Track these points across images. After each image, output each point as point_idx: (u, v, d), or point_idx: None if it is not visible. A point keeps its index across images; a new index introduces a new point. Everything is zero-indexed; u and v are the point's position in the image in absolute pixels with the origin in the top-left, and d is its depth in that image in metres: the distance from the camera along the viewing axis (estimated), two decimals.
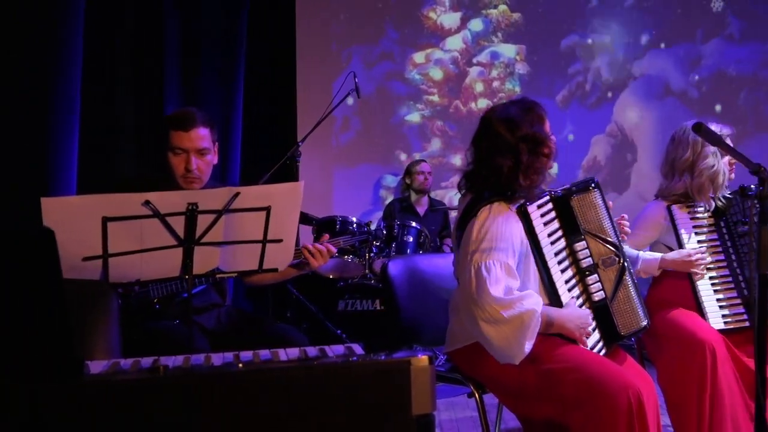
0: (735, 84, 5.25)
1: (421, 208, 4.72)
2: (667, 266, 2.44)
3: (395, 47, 5.44)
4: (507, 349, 1.76)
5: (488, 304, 1.73)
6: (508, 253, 1.80)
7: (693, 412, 2.26)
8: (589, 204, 1.98)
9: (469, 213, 1.89)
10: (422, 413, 0.95)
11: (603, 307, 1.96)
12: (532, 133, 1.86)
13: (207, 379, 0.93)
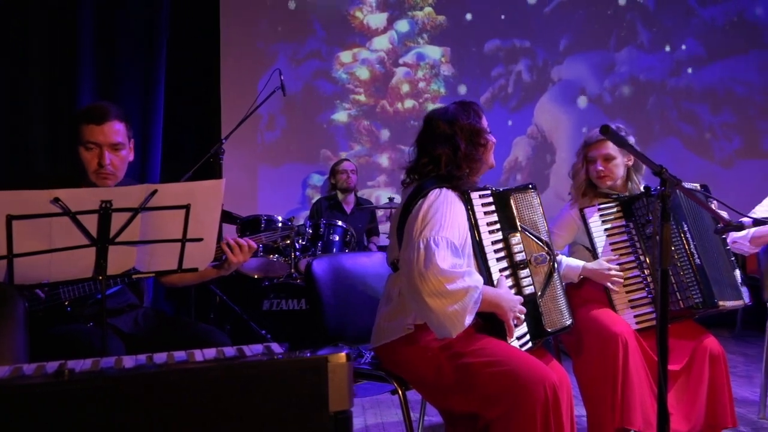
0: (645, 90, 5.54)
1: (347, 206, 4.72)
2: (586, 275, 2.54)
3: (322, 46, 5.42)
4: (447, 322, 1.79)
5: (434, 275, 1.77)
6: (455, 234, 1.86)
7: (606, 401, 2.36)
8: (527, 203, 2.09)
9: (416, 196, 1.94)
10: (340, 410, 0.95)
11: (532, 302, 2.03)
12: (469, 125, 1.99)
13: (115, 383, 0.89)
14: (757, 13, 5.54)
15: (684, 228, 2.42)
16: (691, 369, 2.41)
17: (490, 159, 2.08)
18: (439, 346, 1.88)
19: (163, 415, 0.91)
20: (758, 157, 5.52)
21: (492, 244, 1.97)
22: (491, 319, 1.94)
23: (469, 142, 1.98)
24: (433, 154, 1.98)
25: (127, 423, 0.89)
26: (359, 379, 2.38)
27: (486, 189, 2.02)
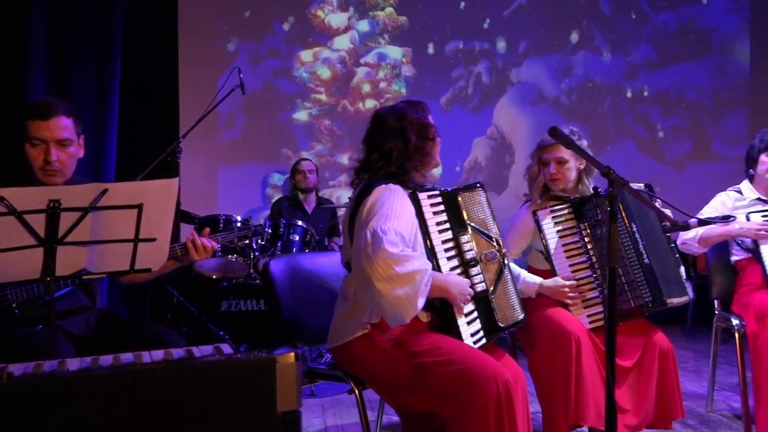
0: (600, 93, 5.67)
1: (308, 206, 4.70)
2: (543, 292, 2.58)
3: (282, 44, 5.39)
4: (399, 307, 1.80)
5: (383, 259, 1.78)
6: (402, 225, 1.88)
7: (560, 397, 2.41)
8: (475, 201, 2.13)
9: (364, 193, 1.96)
10: (288, 410, 0.95)
11: (484, 299, 2.06)
12: (417, 119, 2.03)
13: (56, 386, 0.87)
14: (707, 21, 5.72)
15: (633, 228, 2.49)
16: (642, 365, 2.47)
17: (437, 157, 2.11)
18: (395, 345, 1.89)
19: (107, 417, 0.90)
20: (708, 160, 5.70)
21: (442, 243, 2.00)
22: (444, 316, 1.96)
23: (419, 136, 2.01)
24: (384, 148, 2.01)
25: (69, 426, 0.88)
26: (317, 379, 2.38)
27: (434, 189, 2.05)
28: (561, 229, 2.60)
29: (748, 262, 2.95)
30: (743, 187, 3.04)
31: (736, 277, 3.04)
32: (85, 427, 0.91)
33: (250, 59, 5.32)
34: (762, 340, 2.70)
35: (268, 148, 5.40)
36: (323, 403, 3.49)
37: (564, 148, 2.58)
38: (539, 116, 5.55)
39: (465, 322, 1.98)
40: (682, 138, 5.74)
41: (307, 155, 5.21)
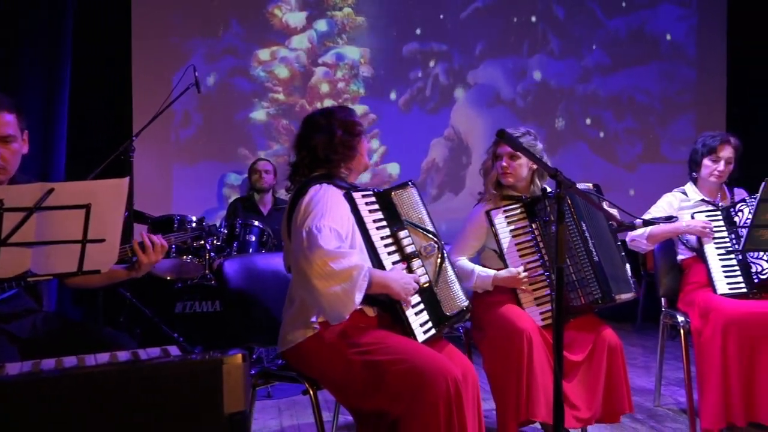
0: (555, 95, 5.79)
1: (264, 207, 4.66)
2: (498, 283, 2.63)
3: (239, 43, 5.33)
4: (338, 303, 1.83)
5: (319, 257, 1.81)
6: (338, 222, 1.91)
7: (512, 394, 2.46)
8: (408, 199, 2.18)
9: (298, 195, 2.00)
10: (235, 411, 0.95)
11: (429, 291, 2.10)
12: (343, 116, 2.11)
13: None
14: (656, 27, 5.90)
15: (583, 227, 2.55)
16: (592, 360, 2.54)
17: (365, 157, 2.17)
18: (344, 344, 1.90)
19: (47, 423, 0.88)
20: (658, 162, 5.88)
21: (381, 239, 2.03)
22: (392, 310, 1.98)
23: (345, 131, 2.08)
24: (310, 145, 2.08)
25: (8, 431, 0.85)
26: (272, 380, 2.37)
27: (367, 190, 2.10)
28: (514, 229, 2.65)
29: (693, 261, 3.06)
30: (688, 188, 3.14)
31: (681, 276, 3.15)
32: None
33: (206, 57, 5.25)
34: (706, 336, 2.80)
35: (225, 147, 5.34)
36: (280, 405, 3.47)
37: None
38: (495, 118, 5.63)
39: (413, 313, 2.01)
40: (633, 140, 5.90)
41: (264, 155, 5.17)
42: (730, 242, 2.89)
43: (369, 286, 1.89)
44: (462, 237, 2.76)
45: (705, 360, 2.78)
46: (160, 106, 3.78)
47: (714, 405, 2.71)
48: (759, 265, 2.83)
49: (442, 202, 5.56)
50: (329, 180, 2.05)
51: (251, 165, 4.76)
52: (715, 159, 2.99)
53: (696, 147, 3.08)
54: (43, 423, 0.91)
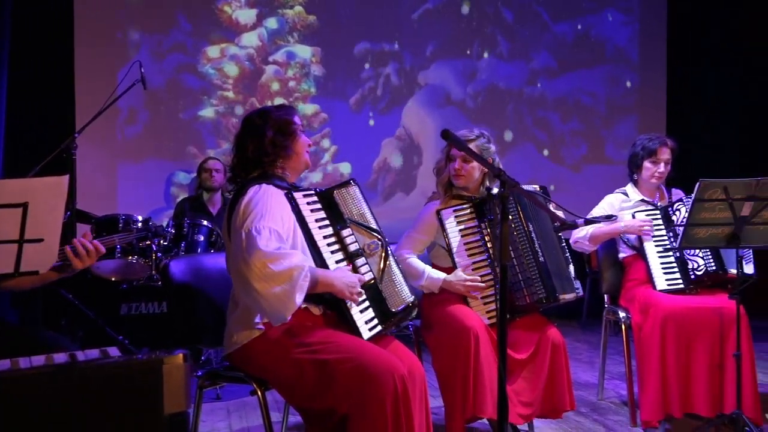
0: (504, 97, 5.89)
1: (214, 206, 4.59)
2: (446, 287, 2.66)
3: (188, 39, 5.24)
4: (278, 304, 1.82)
5: (258, 259, 1.80)
6: (278, 223, 1.91)
7: (459, 391, 2.50)
8: (350, 197, 2.18)
9: (238, 196, 1.99)
10: (176, 411, 0.93)
11: (374, 288, 2.10)
12: (279, 116, 2.10)
13: None
14: (601, 32, 6.07)
15: (530, 228, 2.61)
16: (536, 358, 2.60)
17: (303, 156, 2.16)
18: (292, 343, 1.89)
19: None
20: (602, 163, 6.05)
21: (324, 238, 2.03)
22: (337, 308, 1.98)
23: (277, 131, 2.07)
24: (242, 146, 2.08)
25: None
26: (220, 382, 2.34)
27: (309, 189, 2.09)
28: (463, 228, 2.69)
29: (634, 259, 3.16)
30: (628, 189, 3.25)
31: (623, 273, 3.26)
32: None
33: (152, 53, 5.14)
34: (645, 332, 2.90)
35: (173, 145, 5.23)
36: (229, 406, 3.43)
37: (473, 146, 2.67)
38: (446, 118, 5.69)
39: (358, 311, 2.01)
40: (579, 142, 6.05)
41: (213, 154, 5.08)
42: (668, 240, 3.01)
43: (313, 285, 1.89)
44: (412, 233, 2.80)
45: (645, 354, 2.88)
46: (104, 103, 3.69)
47: (653, 397, 2.81)
48: (695, 261, 2.95)
49: (394, 202, 5.59)
50: (267, 180, 2.03)
51: (200, 164, 4.68)
52: (654, 161, 3.10)
53: (635, 150, 3.18)
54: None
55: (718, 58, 5.96)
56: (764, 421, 2.90)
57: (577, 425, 3.05)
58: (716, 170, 3.72)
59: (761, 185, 2.47)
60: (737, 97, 6.00)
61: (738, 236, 2.56)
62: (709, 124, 6.02)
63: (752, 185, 2.47)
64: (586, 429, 3.01)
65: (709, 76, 6.01)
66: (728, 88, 5.99)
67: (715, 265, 2.91)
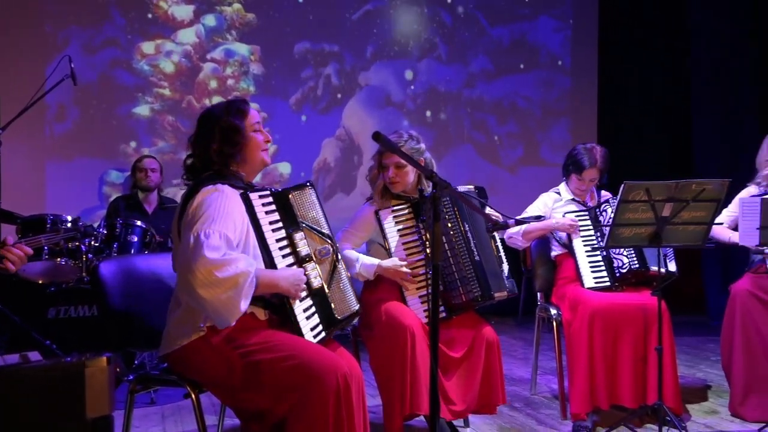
0: (443, 99, 5.98)
1: (150, 206, 4.48)
2: (381, 273, 2.70)
3: (121, 34, 5.09)
4: (223, 310, 1.81)
5: (202, 266, 1.78)
6: (229, 227, 1.88)
7: (397, 389, 2.53)
8: (306, 200, 2.16)
9: (190, 194, 1.96)
10: (99, 415, 0.92)
11: (321, 294, 2.09)
12: (227, 122, 2.06)
13: None
14: (536, 37, 6.25)
15: (465, 228, 2.67)
16: (471, 355, 2.67)
17: (258, 157, 2.13)
18: (231, 345, 1.88)
19: None
20: (537, 164, 6.23)
21: (276, 242, 2.02)
22: (283, 312, 1.98)
23: (223, 140, 2.04)
24: (197, 144, 2.07)
25: None
26: (152, 385, 2.30)
27: (265, 190, 2.07)
28: (401, 228, 2.73)
29: (565, 257, 3.28)
30: (561, 189, 3.37)
31: (555, 271, 3.37)
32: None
33: (84, 48, 4.97)
34: (575, 328, 3.01)
35: (105, 143, 5.07)
36: (164, 411, 3.36)
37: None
38: (386, 119, 5.74)
39: (304, 318, 2.01)
40: (515, 144, 6.21)
41: (148, 152, 4.96)
42: (596, 240, 3.13)
43: (257, 287, 1.88)
44: (349, 229, 2.84)
45: (574, 349, 2.99)
46: (31, 98, 3.55)
47: (581, 390, 2.92)
48: (620, 260, 3.09)
49: (334, 202, 5.59)
50: (222, 179, 2.00)
51: (135, 162, 4.55)
52: (580, 179, 3.22)
53: (567, 161, 3.30)
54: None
55: (644, 62, 6.23)
56: (683, 411, 3.06)
57: (511, 420, 3.14)
58: (643, 172, 3.90)
59: (680, 187, 2.60)
60: (661, 101, 6.29)
61: (659, 235, 2.69)
62: (637, 127, 6.29)
63: (672, 187, 2.60)
64: (520, 423, 3.10)
65: (635, 80, 6.28)
66: (652, 92, 6.27)
67: (638, 263, 3.05)
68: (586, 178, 3.21)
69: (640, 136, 6.27)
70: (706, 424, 3.04)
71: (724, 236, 3.28)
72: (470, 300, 2.67)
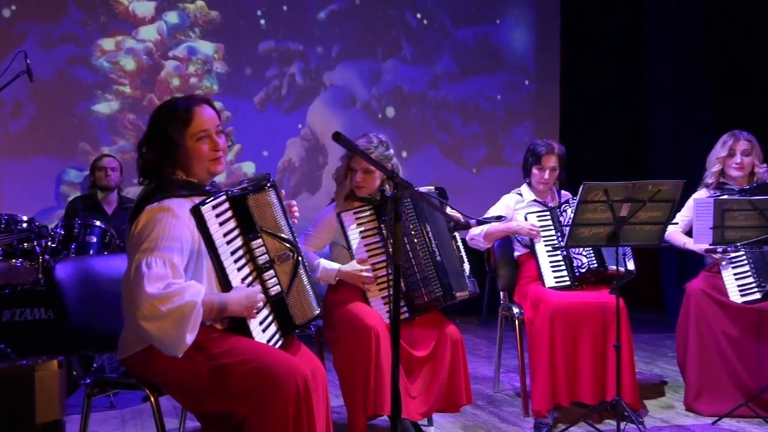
0: (408, 100, 6.01)
1: (109, 206, 4.39)
2: (341, 277, 2.70)
3: (80, 30, 4.98)
4: (169, 343, 1.76)
5: (145, 301, 1.73)
6: (174, 251, 1.80)
7: (360, 390, 2.54)
8: (265, 203, 2.05)
9: (137, 210, 1.88)
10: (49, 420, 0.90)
11: (279, 301, 2.03)
12: (163, 130, 1.94)
13: None
14: (500, 39, 6.31)
15: (427, 228, 2.70)
16: (435, 356, 2.69)
17: (201, 167, 1.96)
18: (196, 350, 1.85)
19: None
20: (501, 165, 6.29)
21: (231, 254, 1.93)
22: (237, 326, 1.95)
23: (157, 149, 1.93)
24: (139, 151, 1.97)
25: None
26: (108, 389, 2.25)
27: (220, 194, 1.96)
28: (363, 230, 2.74)
29: (527, 257, 3.33)
30: (523, 190, 3.42)
31: (518, 271, 3.42)
32: None
33: (41, 43, 4.84)
34: (536, 326, 3.06)
35: (63, 141, 4.96)
36: (123, 415, 3.30)
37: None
38: (352, 119, 5.73)
39: (260, 331, 1.96)
40: (479, 144, 6.27)
41: (108, 151, 4.86)
42: (557, 240, 3.19)
43: (208, 314, 1.82)
44: (311, 232, 2.84)
45: (535, 347, 3.03)
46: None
47: (543, 388, 2.97)
48: (579, 260, 3.15)
49: (299, 202, 5.44)
50: (168, 193, 1.89)
51: (95, 161, 4.45)
52: (540, 168, 3.27)
53: (526, 157, 3.36)
54: None
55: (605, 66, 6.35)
56: (641, 406, 3.13)
57: (474, 418, 3.17)
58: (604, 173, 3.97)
59: (637, 188, 2.67)
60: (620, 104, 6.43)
61: (617, 235, 2.75)
62: (597, 129, 6.41)
63: (629, 188, 2.67)
64: (483, 421, 3.13)
65: (596, 84, 6.40)
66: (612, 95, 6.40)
67: (597, 262, 3.11)
68: (547, 166, 3.25)
69: (600, 138, 6.40)
70: (662, 419, 3.12)
71: (679, 242, 3.37)
72: (432, 300, 2.69)
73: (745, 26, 5.60)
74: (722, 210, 2.91)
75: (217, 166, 1.99)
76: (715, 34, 5.62)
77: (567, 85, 6.42)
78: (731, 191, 3.27)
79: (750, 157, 3.30)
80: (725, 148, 3.32)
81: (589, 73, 6.36)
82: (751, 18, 5.60)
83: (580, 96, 6.39)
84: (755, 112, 5.30)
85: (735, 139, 3.32)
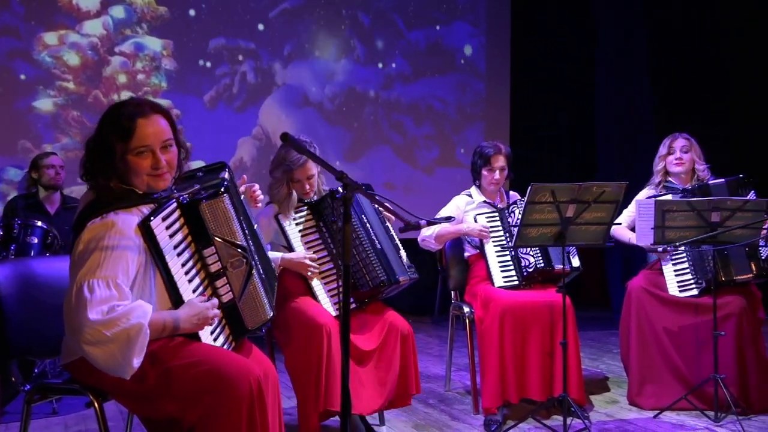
0: (360, 100, 6.01)
1: (52, 206, 4.24)
2: (285, 265, 2.73)
3: (20, 23, 4.80)
4: (115, 367, 1.70)
5: (88, 326, 1.66)
6: (119, 271, 1.73)
7: (312, 387, 2.55)
8: (219, 209, 1.94)
9: (79, 224, 1.79)
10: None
11: (232, 307, 1.98)
12: (103, 138, 1.85)
13: None
14: (451, 42, 6.38)
15: (365, 219, 2.80)
16: (385, 348, 2.73)
17: (140, 182, 1.87)
18: None
19: None
20: (453, 166, 6.36)
21: (182, 266, 1.87)
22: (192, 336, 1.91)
23: (94, 155, 1.86)
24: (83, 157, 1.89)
25: None
26: (51, 395, 2.18)
27: (170, 204, 1.87)
28: (302, 229, 2.84)
29: (477, 258, 3.38)
30: (473, 191, 3.47)
31: (468, 270, 3.46)
32: None
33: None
34: (486, 325, 3.11)
35: (2, 138, 4.77)
36: (67, 421, 3.20)
37: (313, 164, 2.76)
38: (304, 119, 5.70)
39: (211, 340, 1.92)
40: (431, 145, 6.32)
41: (51, 148, 4.70)
42: (505, 240, 3.25)
43: (159, 333, 1.78)
44: None
45: (485, 346, 3.08)
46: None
47: (492, 385, 3.02)
48: (527, 260, 3.21)
49: None
50: (110, 207, 1.79)
51: (38, 159, 4.28)
52: (490, 169, 3.33)
53: (474, 159, 3.41)
54: None
55: (553, 69, 6.50)
56: (587, 401, 3.22)
57: (426, 416, 3.20)
58: (552, 174, 4.06)
59: (583, 189, 2.74)
60: (568, 107, 6.59)
61: (564, 235, 2.82)
62: (546, 132, 6.56)
63: (575, 189, 2.74)
64: (434, 419, 3.16)
65: (545, 87, 6.54)
66: (560, 99, 6.56)
67: (544, 262, 3.19)
68: (496, 167, 3.31)
69: (549, 140, 6.54)
70: (606, 413, 3.22)
71: (624, 237, 3.48)
72: (377, 285, 2.73)
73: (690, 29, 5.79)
74: (662, 211, 3.02)
75: (159, 182, 1.89)
76: (662, 36, 5.80)
77: (517, 87, 6.54)
78: (675, 190, 3.40)
79: (689, 154, 3.44)
80: (665, 147, 3.49)
81: (539, 75, 6.50)
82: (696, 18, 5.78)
83: (529, 98, 6.51)
84: (697, 116, 5.51)
85: (673, 138, 3.50)
